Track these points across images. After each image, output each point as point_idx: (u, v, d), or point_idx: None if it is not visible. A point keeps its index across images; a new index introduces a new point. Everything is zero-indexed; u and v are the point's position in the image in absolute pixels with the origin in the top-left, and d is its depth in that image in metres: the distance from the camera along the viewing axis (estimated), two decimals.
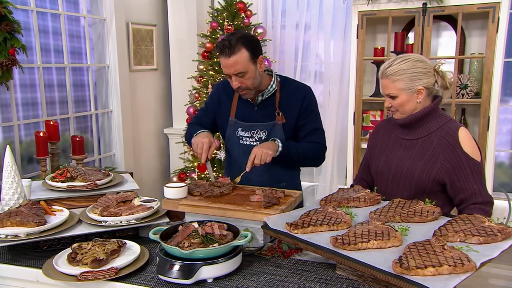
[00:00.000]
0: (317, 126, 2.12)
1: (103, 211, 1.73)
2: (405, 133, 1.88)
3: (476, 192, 1.73)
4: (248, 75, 1.94)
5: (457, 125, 1.81)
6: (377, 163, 1.94)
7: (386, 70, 1.79)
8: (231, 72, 1.93)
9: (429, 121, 1.81)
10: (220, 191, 1.81)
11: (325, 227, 1.48)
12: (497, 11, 3.11)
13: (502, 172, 3.86)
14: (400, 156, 1.86)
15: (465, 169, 1.73)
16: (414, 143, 1.84)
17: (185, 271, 1.36)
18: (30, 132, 3.15)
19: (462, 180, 1.74)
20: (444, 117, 1.83)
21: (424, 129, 1.82)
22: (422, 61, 1.79)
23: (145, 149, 4.25)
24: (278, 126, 2.06)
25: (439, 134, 1.78)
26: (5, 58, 2.63)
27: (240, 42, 1.89)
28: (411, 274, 1.17)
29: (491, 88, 3.20)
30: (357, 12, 3.47)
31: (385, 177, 1.89)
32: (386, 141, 1.95)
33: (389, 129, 1.97)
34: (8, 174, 1.81)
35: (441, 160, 1.75)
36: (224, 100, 2.18)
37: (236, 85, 1.96)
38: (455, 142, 1.75)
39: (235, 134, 2.13)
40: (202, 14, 4.18)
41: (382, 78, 1.82)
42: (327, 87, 4.13)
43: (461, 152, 1.74)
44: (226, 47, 1.89)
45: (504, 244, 1.32)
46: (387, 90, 1.80)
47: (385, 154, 1.92)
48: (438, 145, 1.77)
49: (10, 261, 1.60)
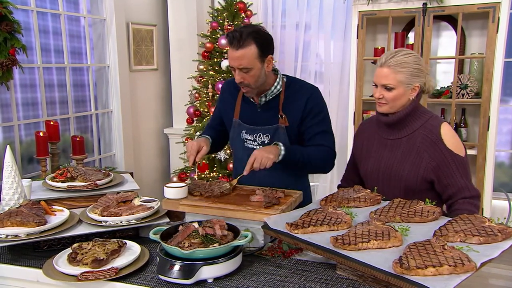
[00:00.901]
0: (323, 129, 1.99)
1: (103, 211, 1.73)
2: (389, 132, 1.87)
3: (463, 187, 1.74)
4: (253, 72, 1.85)
5: (439, 121, 1.80)
6: (365, 165, 1.94)
7: (389, 60, 1.74)
8: (235, 65, 1.84)
9: (412, 120, 1.81)
10: (221, 191, 1.80)
11: (325, 227, 1.48)
12: (497, 11, 3.11)
13: (502, 172, 3.86)
14: (387, 156, 1.86)
15: (450, 166, 1.74)
16: (399, 143, 1.84)
17: (185, 271, 1.36)
18: (30, 132, 3.15)
19: (448, 176, 1.75)
20: (426, 114, 1.83)
21: (408, 127, 1.82)
22: (420, 59, 1.80)
23: (145, 149, 4.25)
24: (281, 130, 1.96)
25: (422, 132, 1.79)
26: (5, 58, 2.63)
27: (251, 37, 1.80)
28: (412, 274, 1.17)
29: (491, 88, 3.20)
30: (357, 12, 3.47)
31: (374, 179, 1.89)
32: (372, 142, 1.94)
33: (373, 129, 1.96)
34: (9, 174, 1.81)
35: (426, 158, 1.76)
36: (229, 99, 2.12)
37: (238, 80, 1.87)
38: (438, 139, 1.76)
39: (240, 136, 2.06)
40: (202, 14, 4.18)
41: (382, 66, 1.76)
42: (327, 87, 4.13)
43: (444, 149, 1.75)
44: (235, 39, 1.80)
45: (504, 244, 1.31)
46: (385, 80, 1.75)
47: (372, 155, 1.92)
48: (422, 143, 1.78)
49: (10, 261, 1.60)
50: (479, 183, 3.31)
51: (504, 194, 3.44)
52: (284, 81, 2.01)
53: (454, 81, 3.35)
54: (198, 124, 3.75)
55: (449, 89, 3.51)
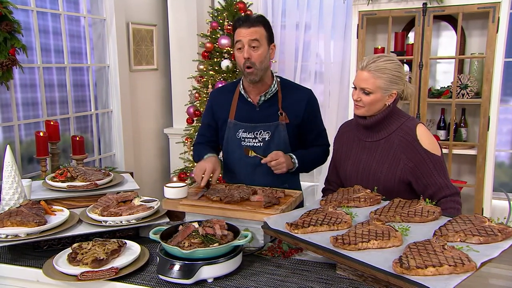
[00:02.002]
0: (323, 128, 2.20)
1: (103, 211, 1.73)
2: (367, 135, 1.90)
3: (442, 186, 1.77)
4: (260, 51, 1.96)
5: (415, 122, 1.84)
6: (344, 167, 1.96)
7: (370, 64, 1.77)
8: (247, 39, 1.94)
9: (389, 122, 1.84)
10: (240, 196, 1.74)
11: (325, 227, 1.48)
12: (497, 11, 3.11)
13: (502, 172, 3.86)
14: (365, 159, 1.89)
15: (428, 165, 1.77)
16: (377, 145, 1.87)
17: (185, 271, 1.36)
18: (30, 132, 3.15)
19: (426, 176, 1.77)
20: (403, 116, 1.86)
21: (385, 130, 1.85)
22: (401, 66, 1.82)
23: (145, 149, 4.25)
24: (281, 127, 2.05)
25: (399, 134, 1.82)
26: (5, 58, 2.63)
27: (261, 21, 1.98)
28: (412, 274, 1.17)
29: (491, 88, 3.20)
30: (357, 12, 3.47)
31: (353, 181, 1.91)
32: (351, 145, 1.97)
33: (352, 131, 1.98)
34: (9, 174, 1.81)
35: (404, 160, 1.79)
36: (223, 102, 2.15)
37: (246, 55, 1.95)
38: (414, 140, 1.78)
39: (236, 136, 2.09)
40: (202, 14, 4.18)
41: (363, 70, 1.79)
42: (327, 87, 4.14)
43: (421, 149, 1.78)
44: (248, 20, 1.96)
45: (504, 244, 1.31)
46: (364, 83, 1.78)
47: (351, 158, 1.94)
48: (399, 145, 1.81)
49: (10, 261, 1.60)
50: (479, 183, 3.31)
51: (504, 194, 3.44)
52: (278, 81, 2.12)
53: (454, 81, 3.34)
54: (198, 124, 3.75)
55: (449, 89, 3.51)
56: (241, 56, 1.97)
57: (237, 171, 2.12)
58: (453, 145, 3.42)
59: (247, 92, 2.10)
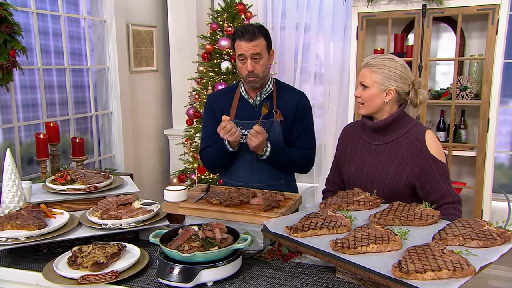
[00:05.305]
0: (311, 132, 2.22)
1: (103, 214, 1.74)
2: (373, 137, 1.91)
3: (446, 193, 1.78)
4: (262, 61, 2.06)
5: (423, 128, 1.86)
6: (348, 169, 1.97)
7: (370, 61, 1.85)
8: (250, 53, 2.02)
9: (398, 126, 1.86)
10: (240, 199, 1.74)
11: (324, 230, 1.48)
12: (497, 12, 3.12)
13: (502, 173, 3.86)
14: (371, 161, 1.89)
15: (433, 171, 1.78)
16: (383, 148, 1.87)
17: (185, 275, 1.37)
18: (30, 133, 3.16)
19: (431, 182, 1.79)
20: (411, 121, 1.88)
21: (393, 134, 1.86)
22: (404, 67, 1.83)
23: (145, 150, 4.26)
24: (276, 124, 2.12)
25: (407, 139, 1.83)
26: (6, 60, 2.63)
27: (261, 32, 2.05)
28: (411, 278, 1.17)
29: (490, 90, 3.20)
30: (357, 13, 3.48)
31: (357, 183, 1.91)
32: (356, 146, 1.97)
33: (357, 133, 1.99)
34: (8, 177, 1.81)
35: (411, 164, 1.80)
36: (223, 105, 2.20)
37: (250, 68, 2.04)
38: (422, 146, 1.80)
39: None
40: (202, 15, 4.18)
41: (364, 67, 1.87)
42: (327, 88, 4.14)
43: (428, 155, 1.79)
44: (248, 32, 2.01)
45: (503, 248, 1.31)
46: (363, 78, 1.85)
47: (356, 159, 1.95)
48: (407, 149, 1.82)
49: (10, 265, 1.60)
50: (478, 184, 3.31)
51: (504, 195, 3.43)
52: (274, 81, 2.21)
53: (453, 83, 3.35)
54: (198, 126, 3.75)
55: (448, 90, 3.51)
56: (244, 67, 2.07)
57: (235, 168, 2.17)
58: (452, 147, 3.43)
59: (247, 93, 2.18)
